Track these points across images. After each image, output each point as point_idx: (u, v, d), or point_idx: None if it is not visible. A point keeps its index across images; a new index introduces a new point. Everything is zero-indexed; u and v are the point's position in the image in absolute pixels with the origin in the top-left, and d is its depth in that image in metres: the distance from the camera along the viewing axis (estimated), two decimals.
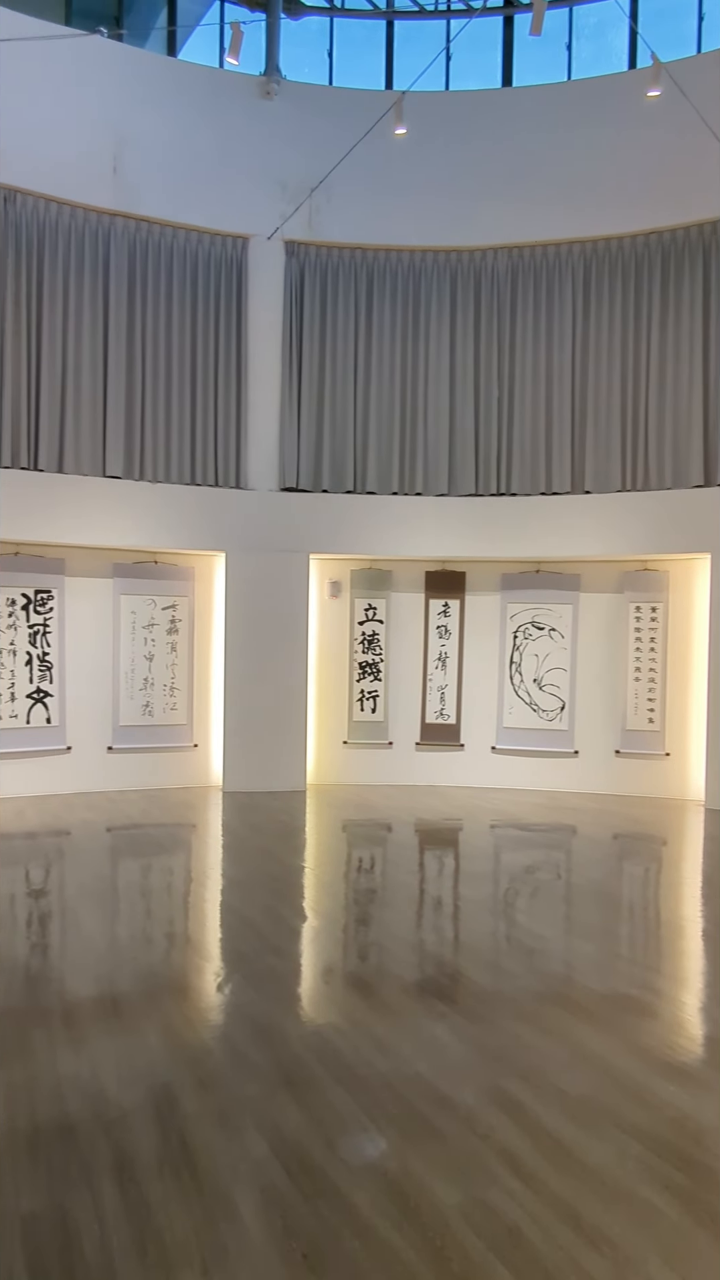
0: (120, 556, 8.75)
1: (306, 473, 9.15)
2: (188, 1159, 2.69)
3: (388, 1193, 2.54)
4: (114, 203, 8.44)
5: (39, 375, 8.22)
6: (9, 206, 8.07)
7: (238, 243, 8.96)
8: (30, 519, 8.03)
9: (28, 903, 5.49)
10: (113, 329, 8.49)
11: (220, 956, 4.51)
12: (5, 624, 8.29)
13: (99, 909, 5.21)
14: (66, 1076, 3.18)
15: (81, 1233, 2.36)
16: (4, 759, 8.28)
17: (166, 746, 8.98)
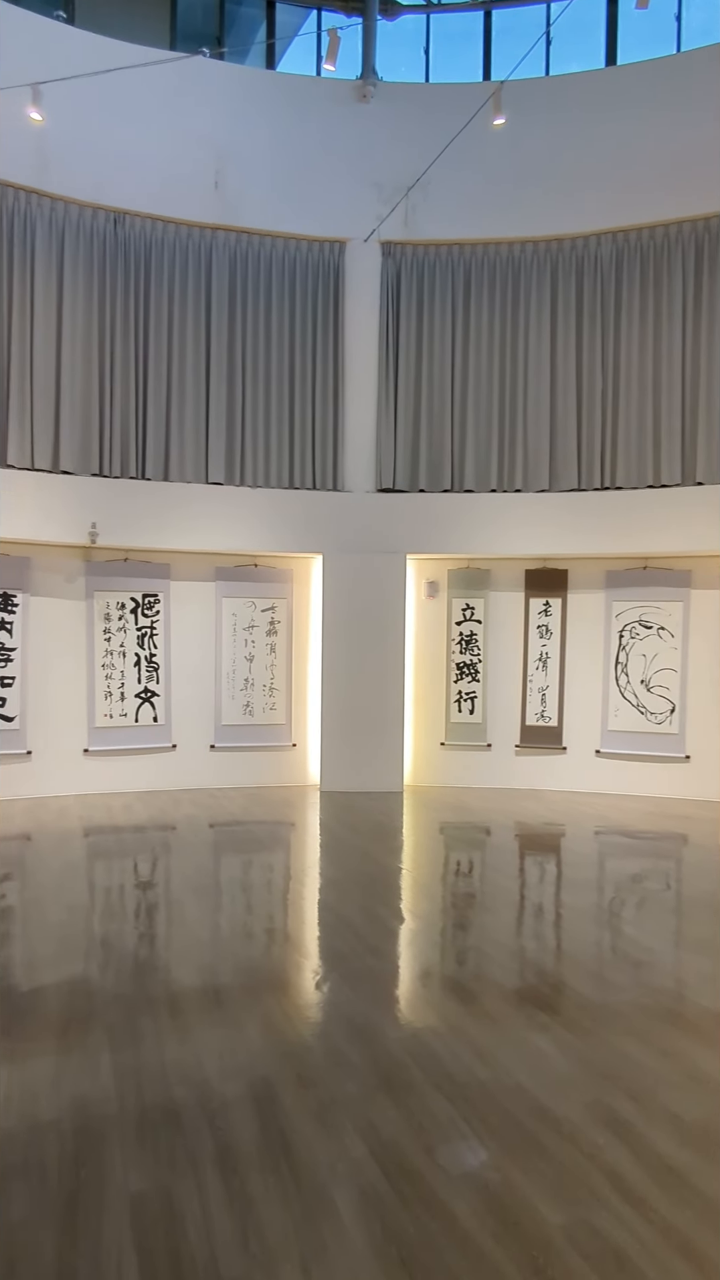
0: (222, 560, 8.99)
1: (403, 473, 9.13)
2: (287, 1154, 2.71)
3: (488, 1205, 2.48)
4: (215, 217, 8.70)
5: (146, 389, 8.57)
6: (118, 228, 8.45)
7: (335, 247, 9.05)
8: (138, 526, 8.37)
9: (136, 894, 5.70)
10: (214, 340, 8.74)
11: (318, 954, 4.54)
12: (115, 627, 8.68)
13: (202, 902, 5.36)
14: (172, 1063, 3.27)
15: (185, 1218, 2.41)
16: (115, 755, 8.66)
17: (266, 746, 9.16)
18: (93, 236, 8.36)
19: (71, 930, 4.76)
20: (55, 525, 8.08)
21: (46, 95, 7.27)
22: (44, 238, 8.15)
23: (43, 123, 7.48)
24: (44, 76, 7.31)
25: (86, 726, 8.56)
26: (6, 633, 8.22)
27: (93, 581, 8.58)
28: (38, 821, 7.40)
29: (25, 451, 8.11)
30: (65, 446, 8.25)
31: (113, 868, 6.24)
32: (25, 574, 8.29)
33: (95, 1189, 2.53)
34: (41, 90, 7.17)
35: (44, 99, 7.24)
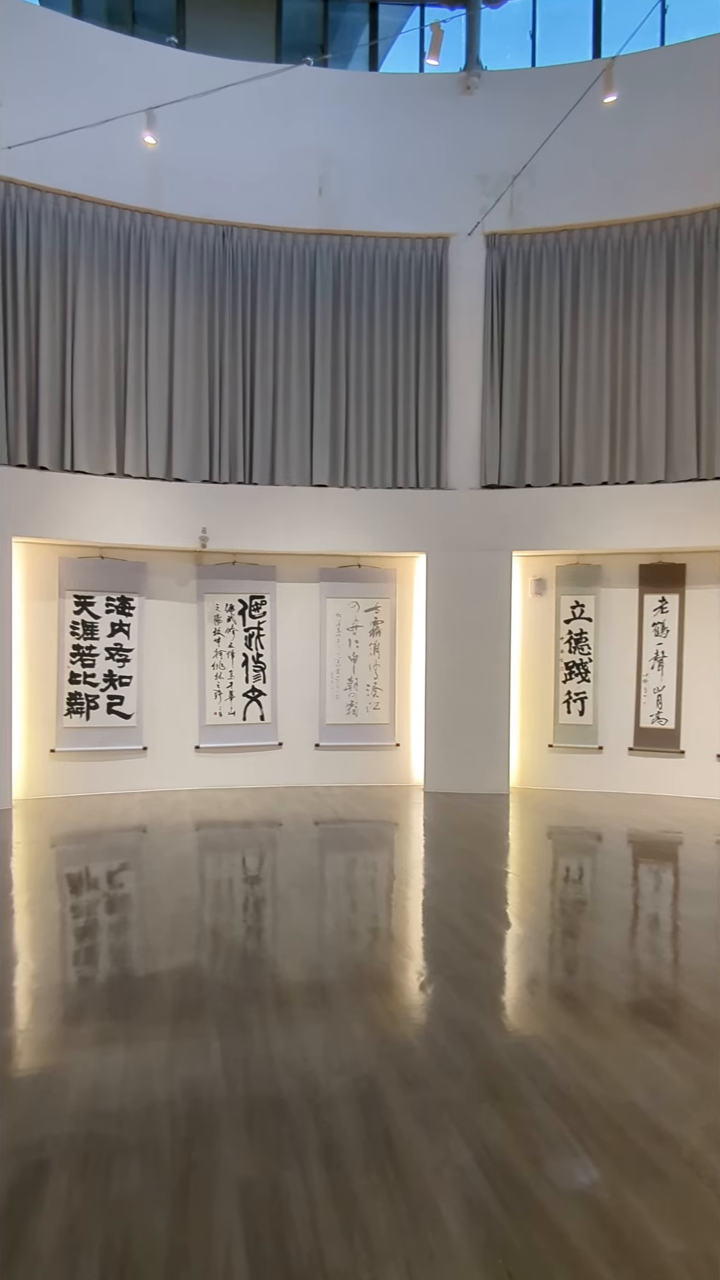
0: (326, 561, 9.10)
1: (509, 468, 8.96)
2: (392, 1155, 2.69)
3: (601, 1226, 2.37)
4: (319, 222, 8.82)
5: (253, 397, 8.79)
6: (226, 241, 8.72)
7: (438, 243, 8.99)
8: (245, 530, 8.60)
9: (244, 887, 5.84)
10: (318, 345, 8.86)
11: (422, 955, 4.50)
12: (224, 628, 8.95)
13: (307, 898, 5.43)
14: (278, 1055, 3.32)
15: (292, 1207, 2.43)
16: (224, 753, 8.92)
17: (370, 745, 9.20)
18: (202, 251, 8.66)
19: (183, 920, 4.93)
20: (168, 531, 8.42)
21: (159, 119, 7.58)
22: (157, 256, 8.51)
23: (156, 146, 7.81)
24: (157, 102, 7.63)
25: (198, 724, 8.87)
26: (125, 634, 8.63)
27: (203, 584, 8.89)
28: (153, 815, 7.72)
29: (141, 461, 8.49)
30: (177, 455, 8.58)
31: (222, 861, 6.43)
32: (141, 578, 8.68)
33: (206, 1171, 2.60)
34: (155, 115, 7.48)
35: (157, 123, 7.55)
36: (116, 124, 7.74)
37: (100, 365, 8.33)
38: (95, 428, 8.32)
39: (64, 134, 7.74)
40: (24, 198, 8.05)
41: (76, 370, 8.21)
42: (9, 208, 7.99)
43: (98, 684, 8.52)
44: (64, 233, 8.20)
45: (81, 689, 8.47)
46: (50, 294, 8.13)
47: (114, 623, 8.59)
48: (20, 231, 8.02)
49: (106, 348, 8.36)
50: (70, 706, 8.43)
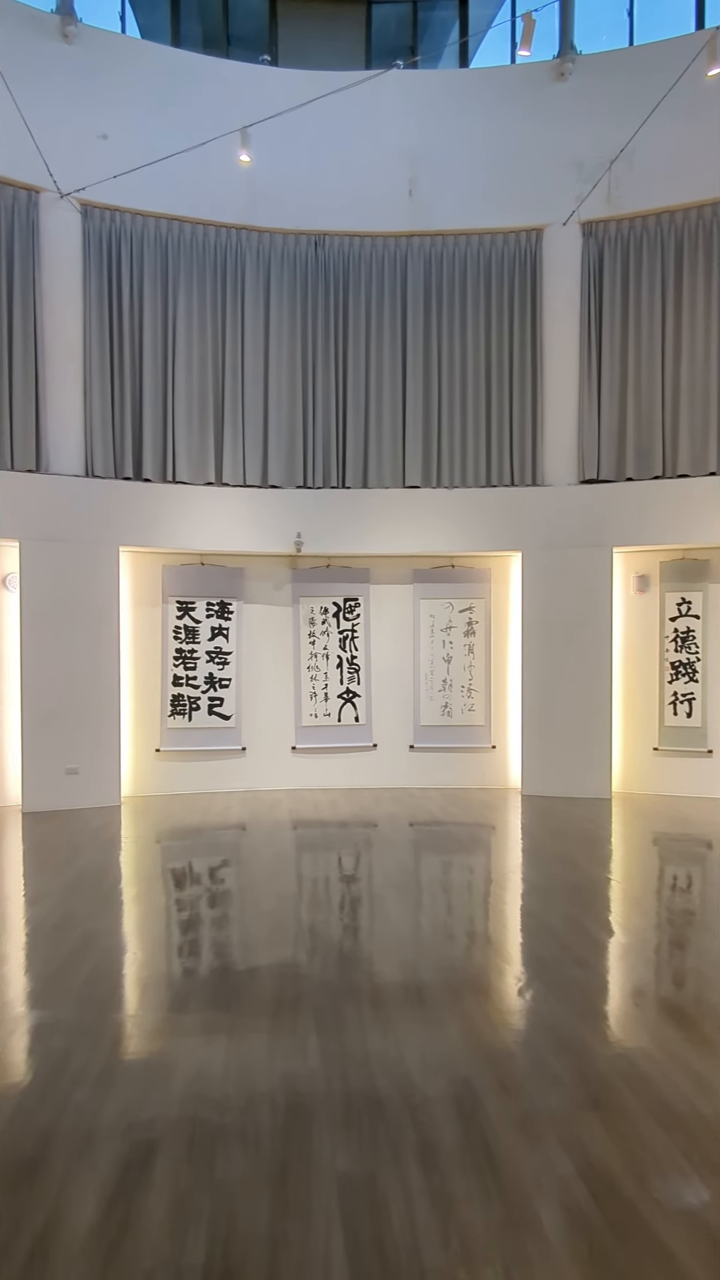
0: (419, 563, 9.10)
1: (608, 462, 8.70)
2: (490, 1159, 2.66)
3: (712, 1248, 2.26)
4: (410, 224, 8.85)
5: (346, 402, 8.90)
6: (319, 250, 8.86)
7: (531, 236, 8.85)
8: (339, 533, 8.71)
9: (340, 886, 5.91)
10: (410, 346, 8.88)
11: (521, 961, 4.42)
12: (319, 630, 9.08)
13: (403, 899, 5.43)
14: (375, 1053, 3.34)
15: (389, 1204, 2.44)
16: (320, 753, 9.05)
17: (464, 747, 9.12)
18: (295, 261, 8.84)
19: (282, 917, 5.03)
20: (265, 537, 8.63)
21: (253, 136, 7.81)
22: (252, 269, 8.75)
23: (250, 163, 8.04)
24: (252, 120, 7.85)
25: (294, 725, 9.04)
26: (224, 638, 8.90)
27: (298, 588, 9.05)
28: (252, 813, 7.92)
29: (238, 470, 8.75)
30: (273, 463, 8.79)
31: (319, 860, 6.52)
32: (240, 583, 8.94)
33: (304, 1163, 2.64)
34: (249, 133, 7.71)
35: (251, 141, 7.78)
36: (213, 145, 8.02)
37: (199, 379, 8.64)
38: (195, 440, 8.63)
39: (164, 159, 8.07)
40: (127, 223, 8.45)
41: (177, 386, 8.54)
42: (114, 234, 8.41)
43: (199, 686, 8.82)
44: (164, 254, 8.56)
45: (184, 691, 8.80)
46: (152, 314, 8.50)
47: (214, 627, 8.87)
48: (125, 256, 8.43)
49: (205, 362, 8.66)
50: (174, 708, 8.77)
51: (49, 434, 8.22)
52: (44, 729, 7.95)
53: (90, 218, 8.32)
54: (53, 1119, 2.87)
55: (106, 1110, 2.93)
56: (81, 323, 8.31)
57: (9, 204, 8.00)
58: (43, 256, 8.16)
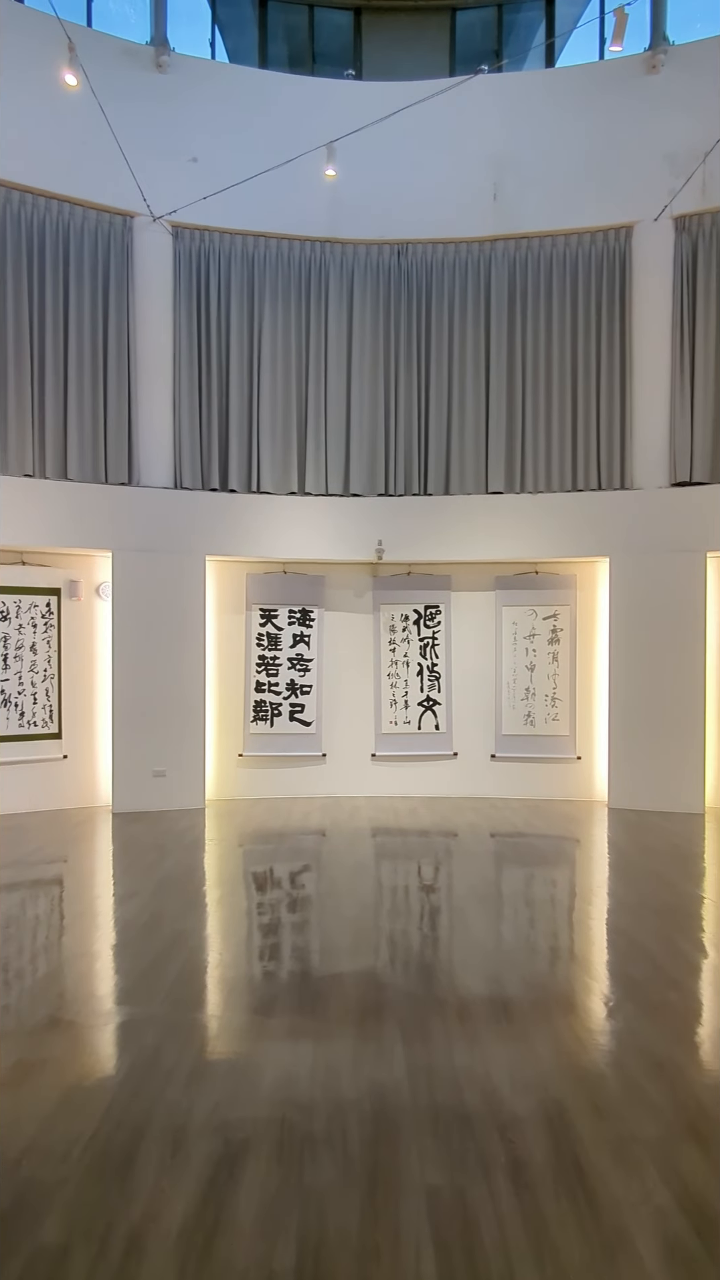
0: (502, 569, 8.99)
1: (702, 462, 8.39)
2: (584, 1184, 2.58)
3: None
4: (494, 228, 8.78)
5: (428, 409, 8.89)
6: (401, 259, 8.90)
7: (620, 233, 8.65)
8: (420, 541, 8.69)
9: (421, 896, 5.87)
10: (493, 351, 8.80)
11: (610, 979, 4.28)
12: (399, 637, 9.08)
13: (485, 911, 5.35)
14: (462, 1068, 3.29)
15: (480, 1222, 2.40)
16: (400, 761, 9.04)
17: (548, 757, 8.93)
18: (378, 271, 8.91)
19: (363, 925, 5.04)
20: (346, 545, 8.70)
21: (337, 150, 7.92)
22: (335, 281, 8.86)
23: (336, 177, 8.16)
24: (337, 134, 7.97)
25: (374, 732, 9.05)
26: (305, 645, 9.00)
27: (379, 595, 9.08)
28: (332, 820, 7.97)
29: (320, 480, 8.85)
30: (354, 472, 8.86)
31: (399, 869, 6.50)
32: (321, 591, 9.03)
33: (392, 1173, 2.62)
34: (334, 148, 7.82)
35: (336, 155, 7.89)
36: (298, 161, 8.17)
37: (283, 391, 8.79)
38: (278, 450, 8.78)
39: (251, 178, 8.28)
40: (215, 242, 8.70)
41: (262, 398, 8.72)
42: (203, 253, 8.67)
43: (281, 692, 8.95)
44: (250, 270, 8.76)
45: (266, 697, 8.94)
46: (239, 330, 8.71)
47: (295, 634, 8.99)
48: (213, 274, 8.68)
49: (289, 374, 8.81)
50: (256, 714, 8.92)
51: (140, 449, 8.52)
52: (133, 732, 8.22)
53: (180, 239, 8.61)
54: (145, 1115, 2.95)
55: (197, 1109, 2.99)
56: (172, 341, 8.59)
57: (106, 230, 8.36)
58: (136, 279, 8.49)
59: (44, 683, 8.34)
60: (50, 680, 8.38)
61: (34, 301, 8.10)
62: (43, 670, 8.34)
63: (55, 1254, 2.27)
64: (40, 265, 8.12)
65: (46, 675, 8.36)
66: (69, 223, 8.23)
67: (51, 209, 8.16)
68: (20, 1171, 2.62)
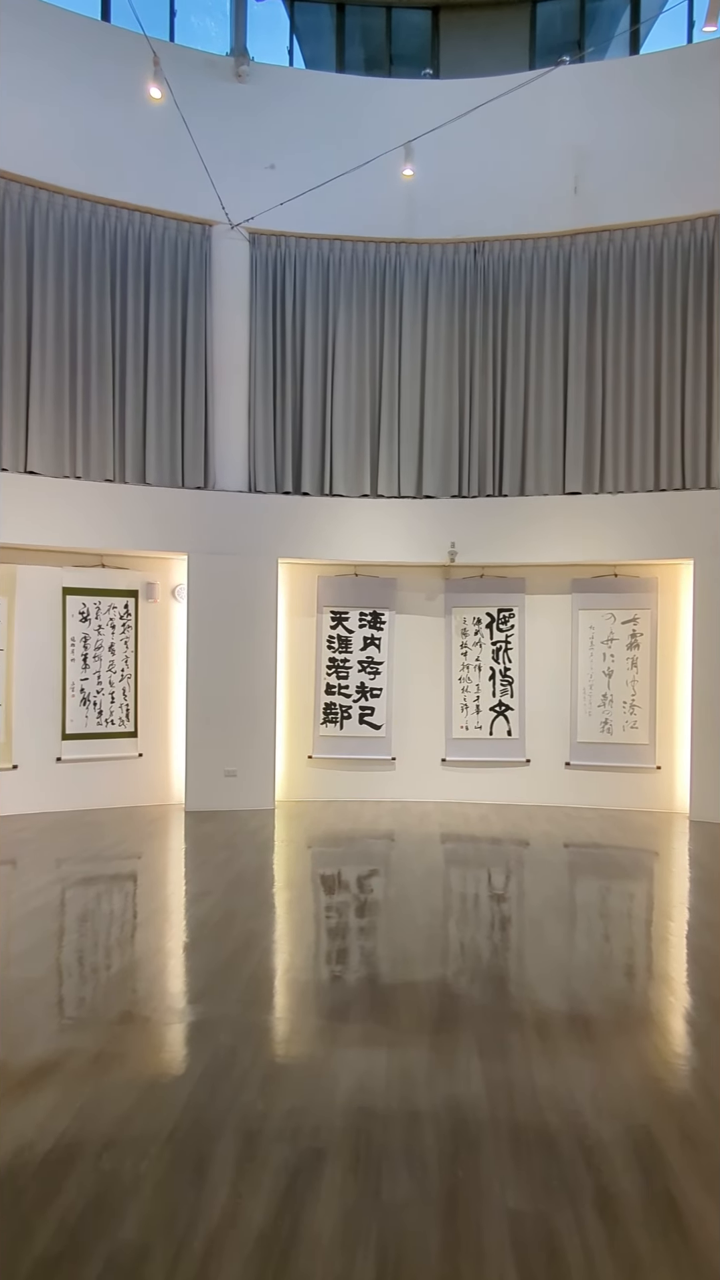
0: (579, 572, 8.75)
1: None
2: (676, 1219, 2.44)
3: None
4: (574, 222, 8.58)
5: (504, 409, 8.74)
6: (478, 257, 8.78)
7: (709, 222, 8.33)
8: (494, 543, 8.55)
9: (494, 905, 5.74)
10: (572, 349, 8.59)
11: (692, 998, 4.08)
12: (471, 641, 8.94)
13: (561, 923, 5.19)
14: (543, 1087, 3.17)
15: (567, 1253, 2.29)
16: (470, 767, 8.90)
17: (626, 766, 8.64)
18: (454, 271, 8.81)
19: (436, 933, 4.95)
20: (418, 547, 8.62)
21: (415, 150, 7.87)
22: (410, 282, 8.81)
23: (413, 177, 8.11)
24: (414, 135, 7.92)
25: (444, 737, 8.94)
26: (376, 648, 8.96)
27: (451, 598, 8.97)
28: (401, 824, 7.89)
29: (393, 482, 8.81)
30: (428, 473, 8.78)
31: (471, 876, 6.37)
32: (392, 594, 8.98)
33: (473, 1194, 2.53)
34: (411, 147, 7.78)
35: (414, 155, 7.84)
36: (374, 163, 8.16)
37: (356, 394, 8.79)
38: (351, 453, 8.78)
39: (328, 182, 8.31)
40: (291, 247, 8.76)
41: (335, 401, 8.73)
42: (279, 258, 8.75)
43: (351, 695, 8.93)
44: (326, 274, 8.79)
45: (336, 700, 8.93)
46: (313, 333, 8.75)
47: (366, 636, 8.96)
48: (289, 279, 8.75)
49: (363, 377, 8.80)
50: (326, 716, 8.92)
51: (216, 453, 8.64)
52: (206, 732, 8.33)
53: (257, 245, 8.71)
54: (221, 1116, 2.94)
55: (273, 1113, 2.96)
56: (247, 346, 8.70)
57: (185, 239, 8.53)
58: (213, 286, 8.62)
59: (121, 682, 8.55)
60: (127, 680, 8.58)
61: (116, 313, 8.32)
62: (120, 670, 8.54)
63: (135, 1251, 2.27)
64: (122, 277, 8.34)
65: (124, 675, 8.56)
66: (150, 233, 8.42)
67: (134, 221, 8.36)
68: (101, 1165, 2.64)
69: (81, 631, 8.38)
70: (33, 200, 7.96)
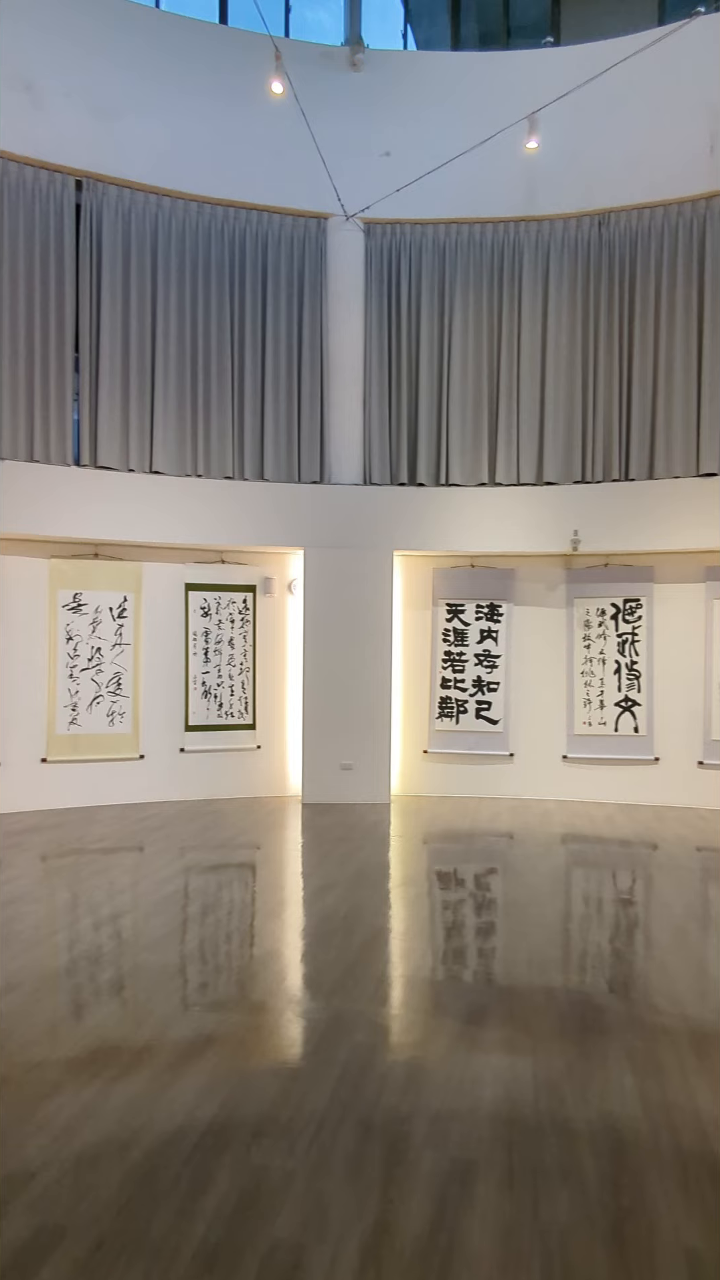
0: (714, 559, 8.22)
1: None
2: None
3: None
4: (711, 184, 8.01)
5: (630, 388, 8.29)
6: (603, 230, 8.37)
7: None
8: (620, 530, 8.14)
9: (631, 912, 5.44)
10: (708, 317, 8.03)
11: None
12: (595, 633, 8.57)
13: (706, 933, 4.84)
14: (707, 1112, 2.93)
15: None
16: (594, 764, 8.53)
17: None
18: (576, 246, 8.44)
19: (569, 936, 4.73)
20: (539, 536, 8.33)
21: (538, 122, 7.56)
22: (530, 261, 8.50)
23: (536, 150, 7.81)
24: (535, 108, 7.62)
25: (566, 733, 8.61)
26: (493, 641, 8.73)
27: (573, 589, 8.62)
28: (521, 822, 7.65)
29: (511, 469, 8.54)
30: (549, 459, 8.46)
31: (600, 880, 6.08)
32: (510, 585, 8.72)
33: (642, 1226, 2.35)
34: (535, 120, 7.48)
35: (538, 127, 7.54)
36: (492, 141, 7.91)
37: (474, 380, 8.57)
38: (468, 441, 8.57)
39: (444, 165, 8.12)
40: (406, 234, 8.63)
41: (452, 388, 8.55)
42: (394, 247, 8.64)
43: (467, 689, 8.74)
44: (441, 259, 8.61)
45: (452, 694, 8.77)
46: (429, 320, 8.59)
47: (483, 629, 8.74)
48: (404, 267, 8.62)
49: (480, 362, 8.57)
50: (441, 710, 8.78)
51: (331, 447, 8.64)
52: (322, 725, 8.36)
53: (372, 235, 8.63)
54: (366, 1117, 2.87)
55: (418, 1118, 2.87)
56: (362, 337, 8.64)
57: (300, 234, 8.55)
58: (329, 279, 8.61)
59: (240, 675, 8.70)
60: (246, 673, 8.72)
61: (234, 312, 8.44)
62: (239, 664, 8.70)
63: (290, 1251, 2.23)
64: (240, 276, 8.45)
65: (242, 668, 8.71)
66: (266, 231, 8.49)
67: (251, 220, 8.46)
68: (251, 1157, 2.62)
69: (203, 626, 8.58)
70: (156, 207, 8.18)
